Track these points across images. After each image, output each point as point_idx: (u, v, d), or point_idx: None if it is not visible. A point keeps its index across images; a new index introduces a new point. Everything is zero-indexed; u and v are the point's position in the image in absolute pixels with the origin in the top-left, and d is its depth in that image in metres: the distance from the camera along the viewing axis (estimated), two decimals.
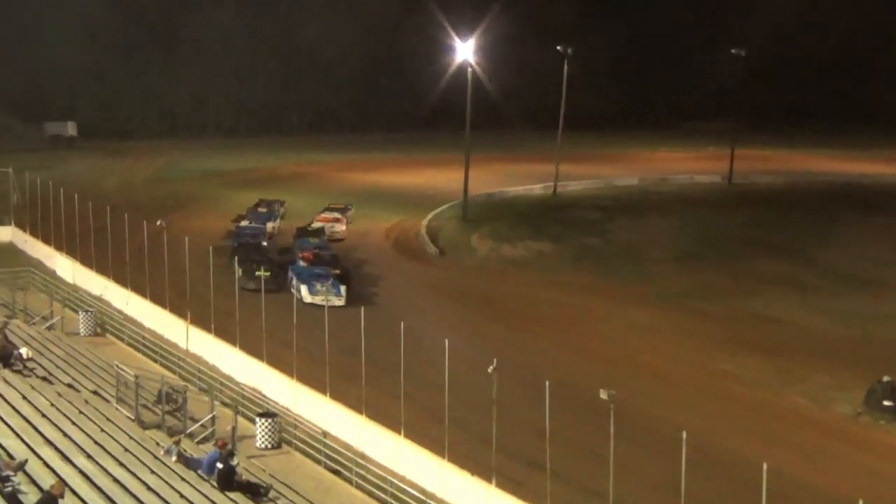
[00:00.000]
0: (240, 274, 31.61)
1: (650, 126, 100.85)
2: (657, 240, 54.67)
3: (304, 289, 36.15)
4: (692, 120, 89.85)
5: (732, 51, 75.72)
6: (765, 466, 13.68)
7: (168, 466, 19.08)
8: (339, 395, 24.77)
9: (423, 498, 19.46)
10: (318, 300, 34.06)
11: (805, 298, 42.02)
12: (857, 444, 25.96)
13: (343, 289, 37.32)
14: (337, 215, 51.22)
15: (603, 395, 17.11)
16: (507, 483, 18.81)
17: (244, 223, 47.53)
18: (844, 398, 28.89)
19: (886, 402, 29.34)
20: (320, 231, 47.84)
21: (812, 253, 50.61)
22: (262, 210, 50.42)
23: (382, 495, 19.89)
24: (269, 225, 48.97)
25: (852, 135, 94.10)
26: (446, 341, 19.99)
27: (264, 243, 43.82)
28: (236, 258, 37.18)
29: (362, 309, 25.76)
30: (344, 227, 50.25)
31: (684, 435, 15.22)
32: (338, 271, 39.87)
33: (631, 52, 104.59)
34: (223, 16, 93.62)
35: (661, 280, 45.64)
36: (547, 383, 17.78)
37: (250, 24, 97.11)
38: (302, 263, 40.98)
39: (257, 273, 32.35)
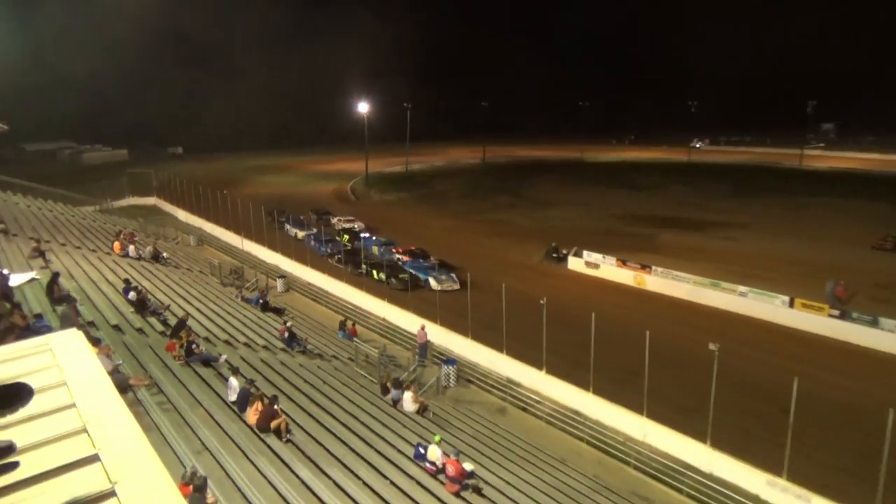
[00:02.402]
0: (381, 278, 38.69)
1: (450, 138, 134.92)
2: (454, 188, 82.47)
3: (431, 281, 38.51)
4: (471, 132, 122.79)
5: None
6: (503, 286, 26.40)
7: (237, 303, 31.18)
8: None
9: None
10: (444, 287, 37.64)
11: (519, 212, 66.28)
12: (543, 274, 43.23)
13: (455, 275, 39.72)
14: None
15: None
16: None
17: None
18: (537, 254, 47.95)
19: (553, 255, 47.21)
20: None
21: (522, 191, 78.92)
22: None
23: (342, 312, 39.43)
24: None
25: (550, 136, 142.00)
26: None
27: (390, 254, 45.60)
28: (371, 268, 40.52)
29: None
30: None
31: (469, 274, 32.94)
32: (436, 261, 42.83)
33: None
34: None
35: (456, 206, 70.68)
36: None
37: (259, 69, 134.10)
38: (403, 258, 43.66)
39: (401, 276, 37.78)
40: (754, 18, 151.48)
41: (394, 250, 45.88)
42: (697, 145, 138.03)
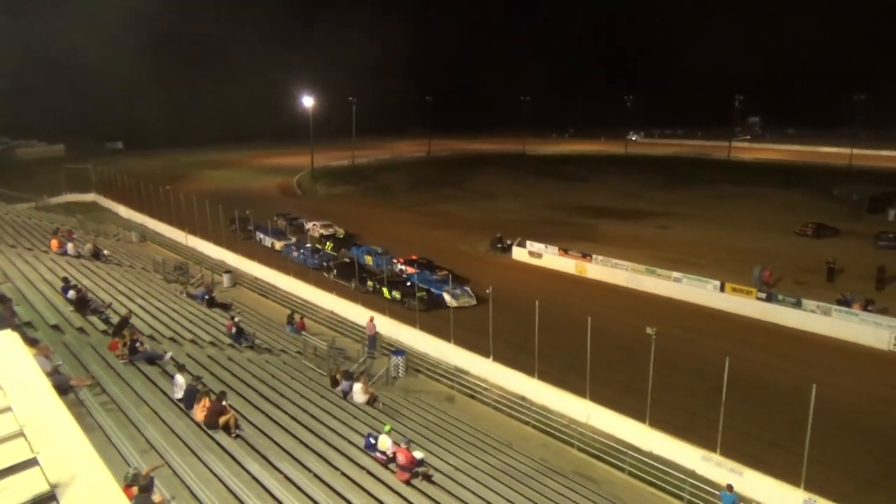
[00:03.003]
0: (395, 297, 34.08)
1: (396, 132, 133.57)
2: (399, 181, 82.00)
3: (446, 296, 33.92)
4: (414, 126, 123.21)
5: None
6: (450, 275, 31.54)
7: (182, 299, 30.50)
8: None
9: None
10: (461, 303, 33.45)
11: (464, 204, 66.46)
12: (488, 263, 44.01)
13: (469, 289, 35.66)
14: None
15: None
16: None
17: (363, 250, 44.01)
18: (482, 245, 48.45)
19: (498, 245, 47.48)
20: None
21: (467, 184, 79.24)
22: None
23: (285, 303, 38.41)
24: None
25: (493, 130, 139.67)
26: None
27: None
28: (384, 285, 35.48)
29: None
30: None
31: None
32: (446, 272, 37.57)
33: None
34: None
35: (402, 199, 70.48)
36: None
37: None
38: (407, 270, 38.91)
39: (419, 294, 32.37)
40: (686, 16, 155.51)
41: (395, 261, 40.95)
42: (634, 138, 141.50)
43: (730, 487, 16.20)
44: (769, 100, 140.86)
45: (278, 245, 46.58)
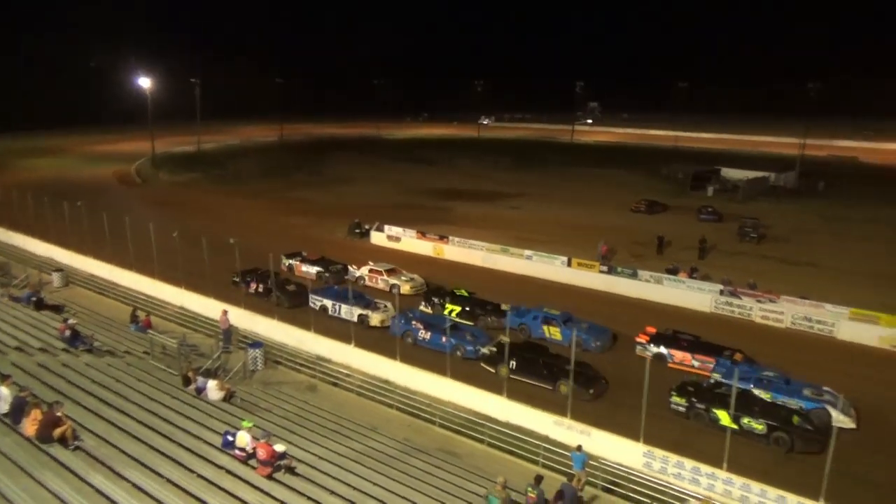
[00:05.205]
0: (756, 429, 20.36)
1: (245, 116, 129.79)
2: (251, 167, 79.32)
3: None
4: (266, 110, 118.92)
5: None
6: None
7: (4, 303, 27.43)
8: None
9: None
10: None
11: (320, 189, 65.75)
12: (347, 249, 42.37)
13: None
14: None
15: (231, 240, 28.51)
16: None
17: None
18: (340, 231, 47.92)
19: (356, 230, 46.99)
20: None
21: (322, 169, 78.70)
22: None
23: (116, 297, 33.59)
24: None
25: (346, 114, 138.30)
26: (151, 224, 31.27)
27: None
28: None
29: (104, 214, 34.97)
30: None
31: (271, 255, 28.41)
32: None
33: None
34: None
35: (255, 185, 68.39)
36: (203, 239, 28.22)
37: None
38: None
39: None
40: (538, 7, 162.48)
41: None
42: (485, 122, 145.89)
43: (579, 448, 17.39)
44: (606, 85, 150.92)
45: (376, 319, 29.38)
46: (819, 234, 48.33)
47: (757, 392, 21.71)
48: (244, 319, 28.40)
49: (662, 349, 25.82)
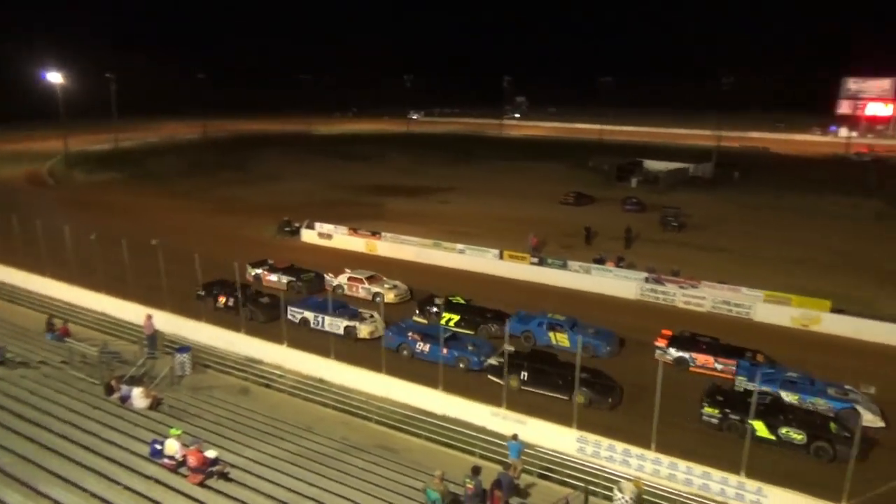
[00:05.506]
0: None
1: (165, 112, 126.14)
2: (174, 166, 76.53)
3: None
4: (191, 107, 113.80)
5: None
6: (236, 264, 25.66)
7: None
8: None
9: None
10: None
11: (248, 187, 64.37)
12: (277, 248, 41.84)
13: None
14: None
15: (153, 241, 26.84)
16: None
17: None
18: (269, 229, 47.01)
19: (286, 229, 46.41)
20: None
21: (247, 166, 76.87)
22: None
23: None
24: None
25: (273, 110, 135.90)
26: (66, 227, 30.06)
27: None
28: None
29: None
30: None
31: (196, 256, 26.41)
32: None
33: None
34: None
35: (177, 185, 65.85)
36: (123, 240, 26.89)
37: None
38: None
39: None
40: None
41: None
42: (414, 117, 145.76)
43: (515, 437, 17.69)
44: (533, 80, 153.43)
45: (365, 331, 27.57)
46: (734, 221, 50.74)
47: (785, 395, 21.50)
48: (170, 323, 27.39)
49: (683, 353, 25.24)
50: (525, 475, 17.39)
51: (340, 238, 44.09)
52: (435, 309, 29.13)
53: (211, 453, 14.36)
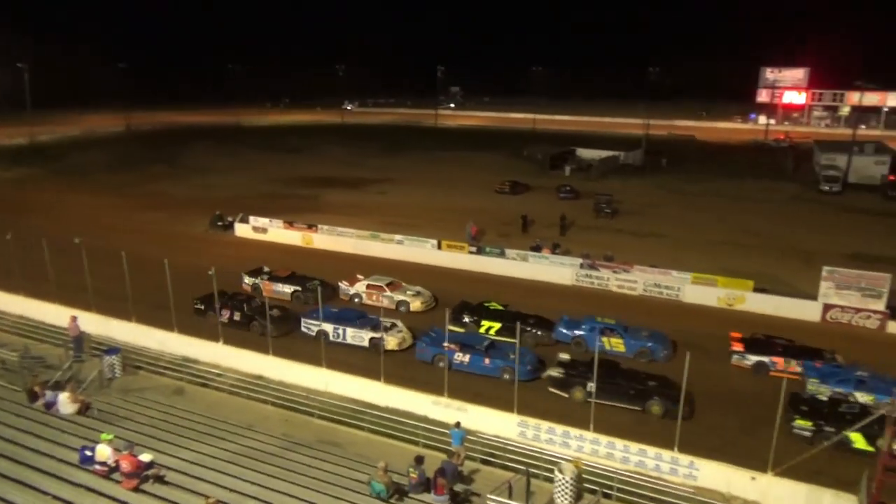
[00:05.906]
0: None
1: (86, 104, 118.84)
2: (97, 160, 73.30)
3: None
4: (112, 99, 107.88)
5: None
6: (166, 261, 23.60)
7: None
8: None
9: None
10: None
11: (177, 181, 62.26)
12: (210, 243, 42.19)
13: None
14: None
15: (76, 240, 25.49)
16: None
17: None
18: (201, 224, 45.93)
19: (219, 223, 45.34)
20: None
21: (176, 160, 74.58)
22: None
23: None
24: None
25: (200, 101, 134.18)
26: None
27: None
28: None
29: None
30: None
31: (123, 253, 24.51)
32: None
33: None
34: None
35: (102, 180, 63.26)
36: (43, 240, 26.35)
37: None
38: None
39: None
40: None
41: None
42: (349, 107, 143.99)
43: (458, 424, 17.85)
44: (467, 70, 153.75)
45: (393, 342, 25.65)
46: (663, 207, 52.48)
47: (859, 396, 20.57)
48: (97, 324, 26.30)
49: (762, 357, 23.86)
50: (468, 462, 17.56)
51: (276, 231, 43.29)
52: (469, 318, 27.35)
53: (145, 457, 13.90)
